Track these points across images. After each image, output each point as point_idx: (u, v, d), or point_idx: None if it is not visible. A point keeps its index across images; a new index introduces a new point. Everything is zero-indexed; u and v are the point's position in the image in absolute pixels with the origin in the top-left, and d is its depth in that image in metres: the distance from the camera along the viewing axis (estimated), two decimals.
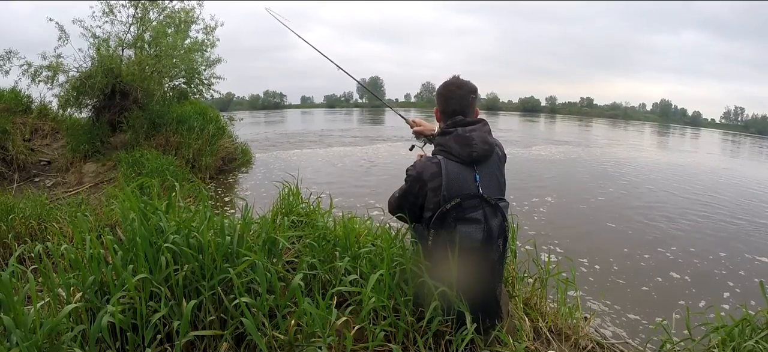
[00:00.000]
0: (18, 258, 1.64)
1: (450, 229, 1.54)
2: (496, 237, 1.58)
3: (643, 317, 3.08)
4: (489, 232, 1.56)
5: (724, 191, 8.20)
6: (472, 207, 1.54)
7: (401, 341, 1.64)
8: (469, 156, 1.56)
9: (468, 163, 1.57)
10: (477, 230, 1.54)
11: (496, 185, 1.61)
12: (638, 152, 15.17)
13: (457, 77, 1.69)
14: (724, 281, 3.85)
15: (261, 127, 21.24)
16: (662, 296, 3.49)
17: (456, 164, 1.57)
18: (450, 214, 1.54)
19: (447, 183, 1.54)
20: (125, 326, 1.43)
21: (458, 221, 1.54)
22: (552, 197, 6.84)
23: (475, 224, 1.54)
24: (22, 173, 6.30)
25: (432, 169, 1.58)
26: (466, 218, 1.54)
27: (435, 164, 1.58)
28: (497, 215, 1.57)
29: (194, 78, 9.12)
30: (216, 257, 1.62)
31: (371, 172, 8.75)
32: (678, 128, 45.99)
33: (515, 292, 2.09)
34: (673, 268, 4.08)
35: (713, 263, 4.23)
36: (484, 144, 1.57)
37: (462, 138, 1.57)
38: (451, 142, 1.59)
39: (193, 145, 7.35)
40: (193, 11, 8.42)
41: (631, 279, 3.76)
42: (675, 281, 3.78)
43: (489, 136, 1.61)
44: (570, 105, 73.14)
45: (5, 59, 7.32)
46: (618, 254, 4.36)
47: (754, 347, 1.58)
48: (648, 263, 4.18)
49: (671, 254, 4.44)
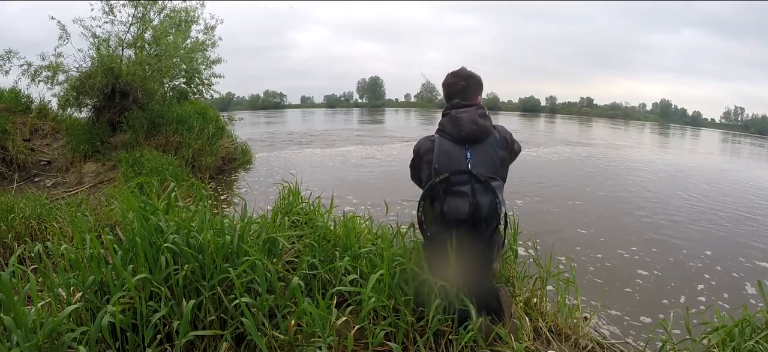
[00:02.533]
0: (18, 258, 1.64)
1: (439, 200, 1.69)
2: (485, 214, 1.67)
3: (643, 317, 3.07)
4: (476, 206, 1.66)
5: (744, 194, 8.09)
6: (461, 182, 1.68)
7: (401, 341, 1.64)
8: (459, 135, 1.72)
9: (460, 142, 1.73)
10: (464, 203, 1.67)
11: (489, 164, 1.72)
12: (654, 155, 14.98)
13: (463, 68, 1.88)
14: (725, 281, 3.85)
15: (261, 127, 21.23)
16: (662, 296, 3.49)
17: (449, 142, 1.74)
18: (440, 186, 1.69)
19: (438, 157, 1.72)
20: (125, 326, 1.43)
21: (447, 193, 1.69)
22: (556, 196, 6.84)
23: (462, 197, 1.67)
24: (22, 173, 6.30)
25: (427, 145, 1.79)
26: (454, 191, 1.68)
27: (430, 141, 1.79)
28: (488, 193, 1.67)
29: (194, 78, 9.11)
30: (216, 257, 1.62)
31: (372, 172, 8.75)
32: (678, 128, 45.95)
33: (516, 292, 2.09)
34: (673, 269, 4.08)
35: (716, 264, 4.23)
36: (472, 124, 1.72)
37: (454, 118, 1.76)
38: (445, 122, 1.78)
39: (193, 145, 7.34)
40: (194, 11, 8.43)
41: (631, 279, 3.76)
42: (675, 282, 3.78)
43: (480, 119, 1.75)
44: (570, 105, 73.05)
45: (5, 59, 7.32)
46: (621, 254, 4.36)
47: (754, 347, 1.58)
48: (649, 263, 4.18)
49: (678, 256, 4.43)
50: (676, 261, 4.27)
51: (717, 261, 4.29)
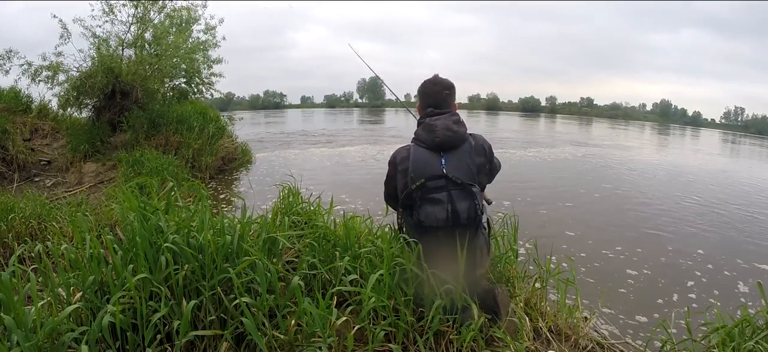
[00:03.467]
0: (18, 258, 1.64)
1: (416, 208, 1.69)
2: (463, 220, 1.64)
3: (643, 316, 3.07)
4: (454, 213, 1.64)
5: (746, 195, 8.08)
6: (437, 188, 1.65)
7: (401, 341, 1.64)
8: (433, 142, 1.70)
9: (434, 149, 1.70)
10: (440, 210, 1.64)
11: (465, 171, 1.69)
12: (655, 156, 14.90)
13: (436, 75, 1.85)
14: (726, 281, 3.85)
15: (261, 127, 21.22)
16: (662, 295, 3.49)
17: (424, 150, 1.72)
18: (415, 193, 1.68)
19: (414, 165, 1.70)
20: (125, 325, 1.43)
21: (423, 201, 1.67)
22: (560, 196, 6.84)
23: (438, 205, 1.65)
24: (22, 173, 6.30)
25: (402, 153, 1.77)
26: (429, 198, 1.66)
27: (406, 149, 1.77)
28: (466, 198, 1.64)
29: (194, 77, 9.10)
30: (216, 257, 1.62)
31: (372, 173, 8.75)
32: (678, 128, 45.89)
33: (516, 292, 2.09)
34: (674, 268, 4.08)
35: (717, 266, 4.23)
36: (446, 131, 1.70)
37: (428, 126, 1.74)
38: (420, 131, 1.77)
39: (193, 145, 7.33)
40: (196, 10, 8.42)
41: (632, 280, 3.76)
42: (676, 282, 3.78)
43: (455, 126, 1.72)
44: (570, 105, 73.00)
45: (5, 59, 7.33)
46: (621, 255, 4.35)
47: (754, 347, 1.58)
48: (650, 263, 4.18)
49: (683, 258, 4.43)
50: (675, 261, 4.27)
51: (713, 261, 4.29)
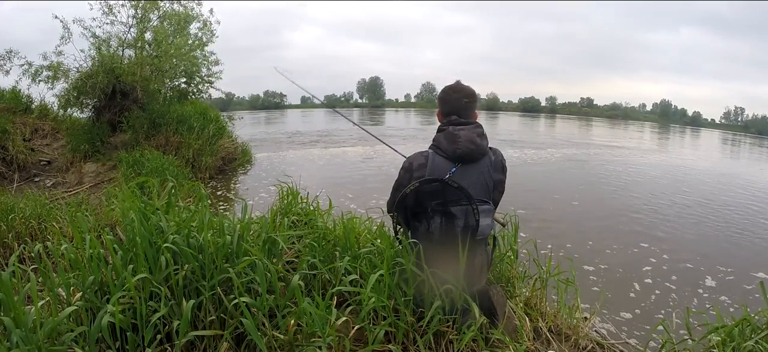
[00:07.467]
0: (18, 258, 1.64)
1: (427, 217, 1.65)
2: (468, 234, 1.61)
3: (643, 316, 3.07)
4: (465, 228, 1.61)
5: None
6: (454, 201, 1.61)
7: (401, 341, 1.64)
8: (454, 152, 1.64)
9: (454, 160, 1.65)
10: (448, 222, 1.62)
11: (481, 186, 1.65)
12: (655, 156, 14.88)
13: (458, 82, 1.78)
14: (727, 281, 3.85)
15: (261, 127, 21.22)
16: (662, 295, 3.49)
17: (442, 159, 1.66)
18: (428, 203, 1.63)
19: (430, 174, 1.64)
20: (125, 325, 1.43)
21: (434, 212, 1.63)
22: (566, 197, 6.84)
23: (451, 219, 1.62)
24: (22, 173, 6.30)
25: (420, 160, 1.69)
26: (444, 211, 1.62)
27: (424, 156, 1.70)
28: (474, 213, 1.60)
29: (194, 77, 9.09)
30: (216, 257, 1.62)
31: (372, 173, 8.74)
32: (678, 129, 45.86)
33: (516, 292, 2.09)
34: (674, 268, 4.08)
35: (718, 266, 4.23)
36: (469, 143, 1.64)
37: (451, 135, 1.66)
38: (441, 139, 1.69)
39: (193, 145, 7.34)
40: (193, 10, 8.41)
41: (632, 280, 3.76)
42: (676, 282, 3.78)
43: (478, 139, 1.66)
44: (570, 105, 72.98)
45: (5, 59, 7.34)
46: (622, 255, 4.36)
47: (754, 347, 1.58)
48: (650, 263, 4.18)
49: (684, 258, 4.43)
50: (676, 261, 4.27)
51: (713, 261, 4.29)
